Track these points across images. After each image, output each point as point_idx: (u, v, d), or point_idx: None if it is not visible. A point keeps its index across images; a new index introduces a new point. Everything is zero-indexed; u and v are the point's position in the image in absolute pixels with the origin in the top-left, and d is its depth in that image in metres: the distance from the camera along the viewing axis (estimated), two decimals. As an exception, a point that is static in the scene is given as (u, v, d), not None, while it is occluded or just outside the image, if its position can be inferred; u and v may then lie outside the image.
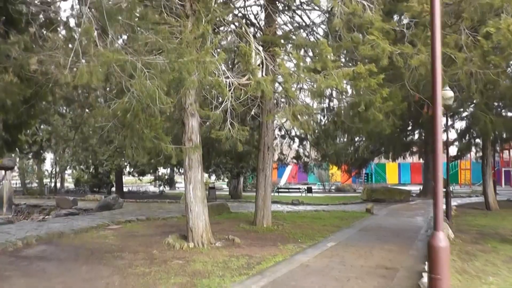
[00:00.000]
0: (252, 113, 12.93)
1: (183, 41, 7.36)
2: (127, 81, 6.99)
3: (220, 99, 9.64)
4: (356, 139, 30.34)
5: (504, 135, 20.06)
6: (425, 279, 6.87)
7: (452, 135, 32.88)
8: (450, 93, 15.09)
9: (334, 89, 9.28)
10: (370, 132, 20.20)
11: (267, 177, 14.97)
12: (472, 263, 9.12)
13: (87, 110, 14.69)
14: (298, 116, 9.40)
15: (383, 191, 27.49)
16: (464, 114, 29.39)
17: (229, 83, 9.01)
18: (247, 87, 8.86)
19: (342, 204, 25.52)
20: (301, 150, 20.84)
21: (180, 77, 6.84)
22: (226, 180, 33.72)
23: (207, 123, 11.49)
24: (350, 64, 8.85)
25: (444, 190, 33.17)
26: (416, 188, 33.43)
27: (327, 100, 12.36)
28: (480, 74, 9.50)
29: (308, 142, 19.41)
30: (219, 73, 8.34)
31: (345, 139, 28.06)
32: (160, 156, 10.07)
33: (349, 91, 10.05)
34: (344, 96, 9.56)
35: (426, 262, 8.21)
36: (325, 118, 18.28)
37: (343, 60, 9.34)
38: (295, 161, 21.91)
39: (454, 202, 24.56)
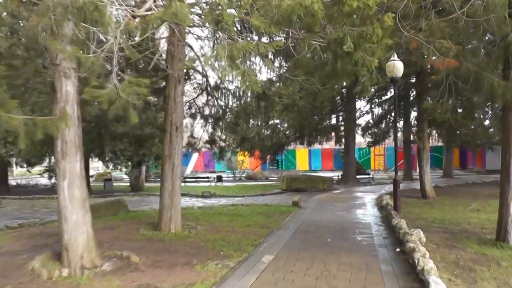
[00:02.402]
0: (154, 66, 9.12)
1: None
2: None
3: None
4: (270, 122, 27.57)
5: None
6: None
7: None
8: (399, 64, 12.50)
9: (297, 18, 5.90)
10: (302, 109, 17.28)
11: (176, 167, 11.36)
12: (479, 285, 6.35)
13: None
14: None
15: (304, 179, 24.70)
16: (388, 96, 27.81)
17: (117, 15, 5.39)
18: (147, 20, 5.28)
19: (260, 195, 22.55)
20: (216, 133, 17.26)
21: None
22: (125, 170, 29.31)
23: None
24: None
25: (364, 174, 31.59)
26: (328, 175, 31.24)
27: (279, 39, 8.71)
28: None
29: (225, 123, 15.93)
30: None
31: (259, 122, 25.07)
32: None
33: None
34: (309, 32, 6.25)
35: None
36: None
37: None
38: (208, 146, 18.29)
39: (382, 190, 22.63)
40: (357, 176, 29.96)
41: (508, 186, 8.92)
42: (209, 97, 15.06)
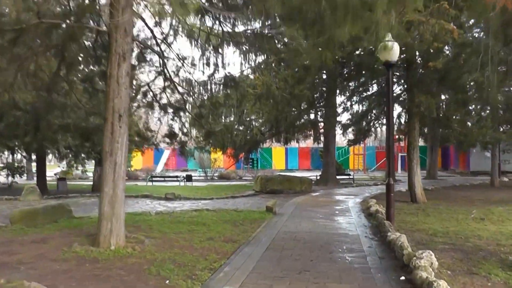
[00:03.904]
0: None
1: None
2: None
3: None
4: (246, 118, 25.57)
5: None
6: None
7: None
8: (395, 45, 10.46)
9: None
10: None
11: (118, 165, 8.94)
12: None
13: None
14: None
15: (280, 180, 22.30)
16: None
17: None
18: None
19: (230, 197, 20.24)
20: (176, 126, 14.64)
21: None
22: (81, 168, 26.67)
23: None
24: None
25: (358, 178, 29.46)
26: (305, 175, 29.19)
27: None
28: None
29: (187, 114, 13.53)
30: None
31: (231, 116, 22.88)
32: None
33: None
34: None
35: None
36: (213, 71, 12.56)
37: None
38: (167, 141, 15.63)
39: (365, 193, 20.65)
40: (337, 177, 27.94)
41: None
42: (167, 83, 12.66)
